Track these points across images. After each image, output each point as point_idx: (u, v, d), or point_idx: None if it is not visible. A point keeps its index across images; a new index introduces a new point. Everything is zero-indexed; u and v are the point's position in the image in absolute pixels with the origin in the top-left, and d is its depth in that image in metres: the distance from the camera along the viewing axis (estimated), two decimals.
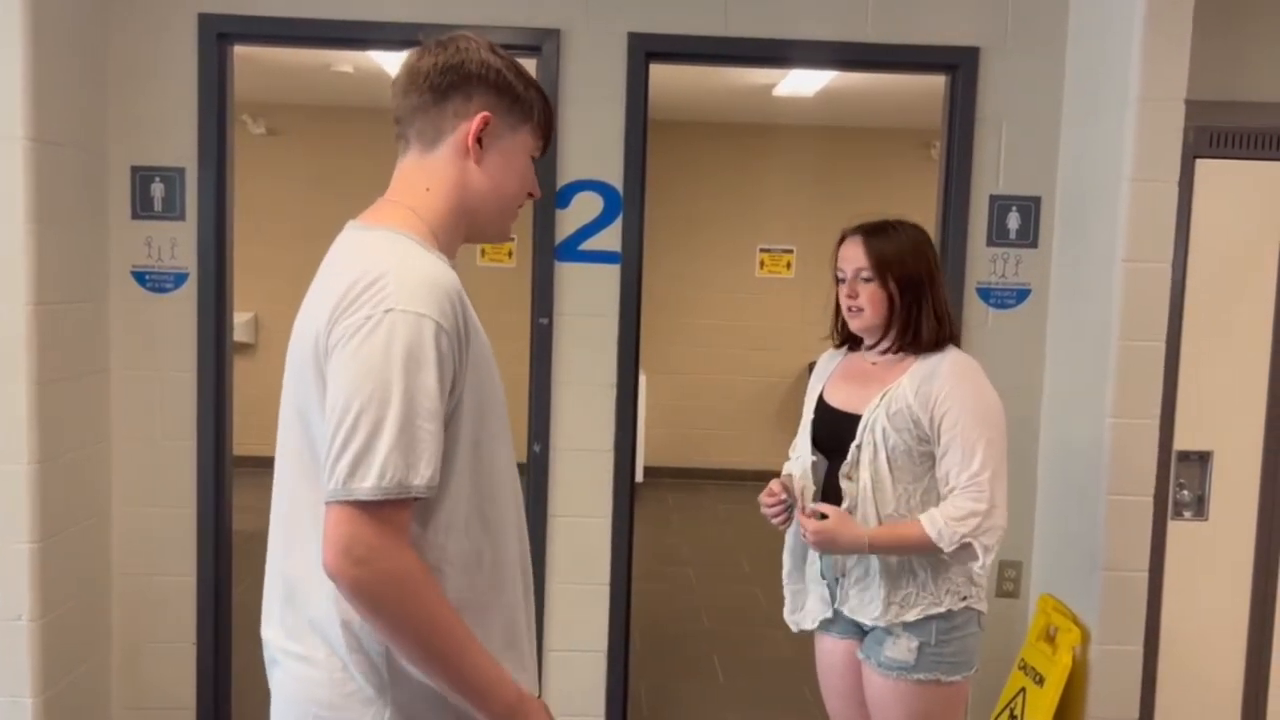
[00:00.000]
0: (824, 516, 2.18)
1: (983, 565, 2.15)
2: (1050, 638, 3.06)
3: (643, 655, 4.25)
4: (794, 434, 2.46)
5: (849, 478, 2.24)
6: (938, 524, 2.12)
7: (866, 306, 2.24)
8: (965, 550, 2.13)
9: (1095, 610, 2.95)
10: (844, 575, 2.28)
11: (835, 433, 2.29)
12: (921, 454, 2.18)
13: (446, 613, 1.33)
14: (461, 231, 1.51)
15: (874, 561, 2.21)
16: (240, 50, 3.26)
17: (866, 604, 2.24)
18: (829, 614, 2.35)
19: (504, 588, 1.47)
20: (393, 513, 1.29)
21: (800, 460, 2.38)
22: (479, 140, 1.45)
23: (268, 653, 1.51)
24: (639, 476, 6.70)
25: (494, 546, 1.45)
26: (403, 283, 1.32)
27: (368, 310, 1.30)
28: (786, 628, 2.45)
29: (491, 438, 1.44)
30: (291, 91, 6.78)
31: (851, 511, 2.23)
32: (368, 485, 1.27)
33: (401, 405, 1.28)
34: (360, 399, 1.28)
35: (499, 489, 1.46)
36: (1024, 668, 3.12)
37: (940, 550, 2.13)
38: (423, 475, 1.30)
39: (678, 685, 4.15)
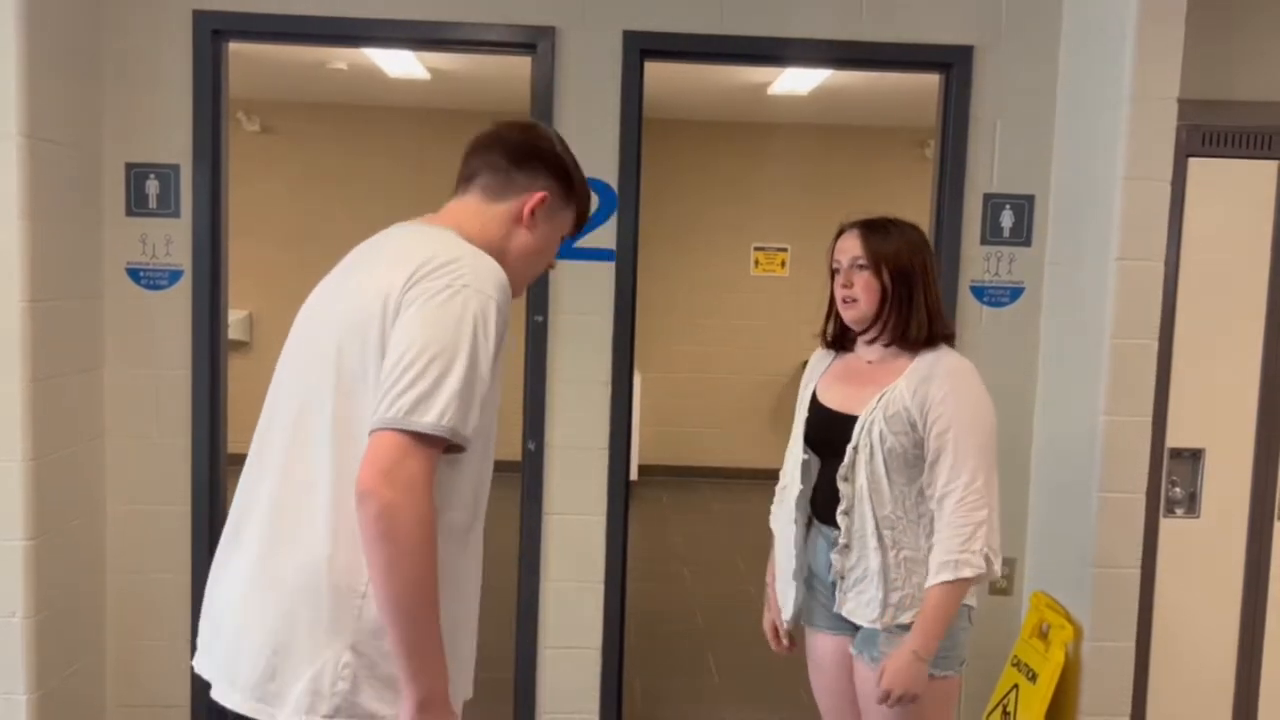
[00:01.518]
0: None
1: (995, 569, 2.13)
2: (1043, 634, 3.07)
3: (637, 653, 4.25)
4: (788, 432, 2.46)
5: (846, 480, 2.24)
6: (957, 566, 2.10)
7: (861, 296, 2.24)
8: (985, 563, 2.12)
9: (1088, 607, 2.96)
10: (842, 578, 2.28)
11: (830, 433, 2.29)
12: (917, 456, 2.18)
13: (434, 571, 1.43)
14: None
15: (872, 563, 2.21)
16: (234, 47, 3.25)
17: (864, 605, 2.24)
18: (791, 613, 2.38)
19: (474, 574, 1.62)
20: (435, 453, 1.43)
21: (792, 459, 2.39)
22: (533, 212, 1.69)
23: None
24: (634, 475, 6.69)
25: (471, 534, 1.60)
26: (475, 267, 1.53)
27: (447, 280, 1.49)
28: (784, 620, 2.45)
29: (493, 432, 1.60)
30: (286, 89, 6.76)
31: (848, 514, 2.23)
32: (429, 420, 1.41)
33: (468, 361, 1.45)
34: (435, 347, 1.44)
35: (489, 475, 1.63)
36: (1017, 664, 3.13)
37: (978, 580, 2.12)
38: (470, 426, 1.46)
39: (672, 683, 4.16)
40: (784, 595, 2.42)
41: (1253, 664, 3.08)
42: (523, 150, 1.70)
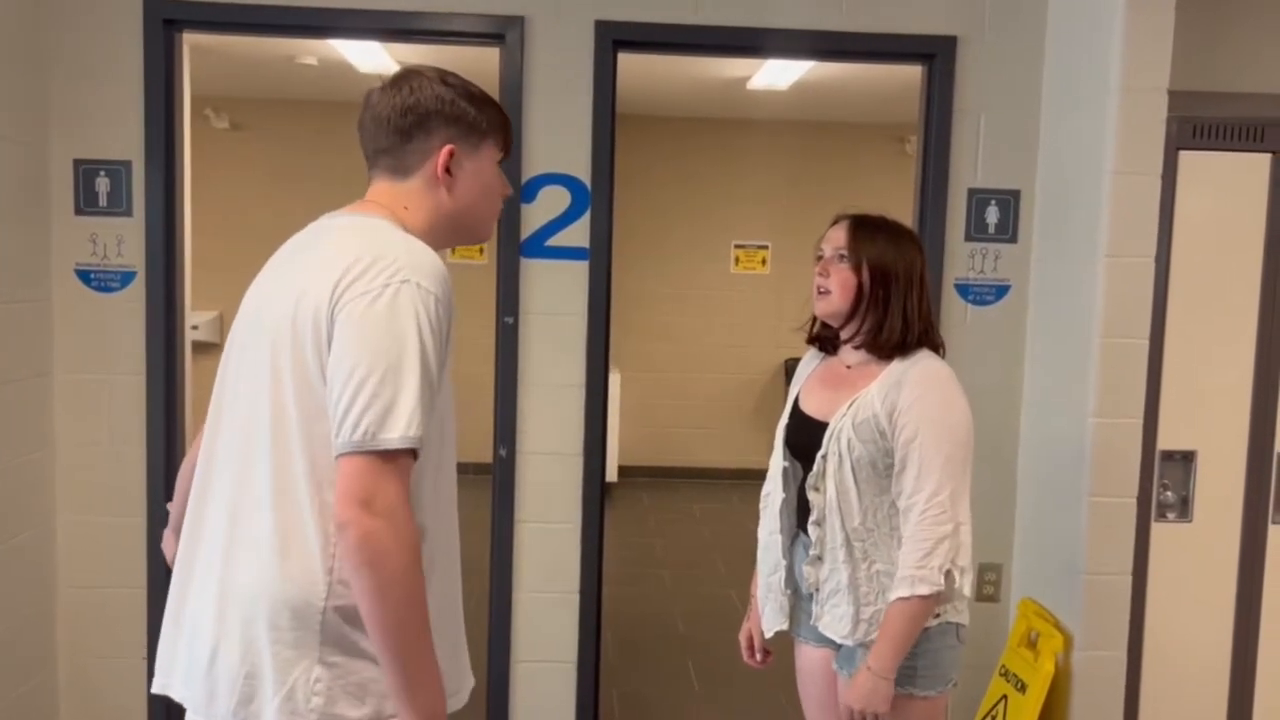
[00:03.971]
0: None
1: (961, 587, 2.06)
2: (1032, 643, 2.98)
3: (614, 663, 4.15)
4: (769, 432, 2.38)
5: (816, 489, 2.15)
6: (913, 583, 2.01)
7: (835, 289, 2.15)
8: (946, 579, 2.03)
9: (1078, 615, 2.88)
10: (817, 590, 2.18)
11: (807, 440, 2.20)
12: (888, 466, 2.08)
13: (423, 592, 1.39)
14: (440, 242, 1.61)
15: (843, 577, 2.12)
16: (201, 43, 3.13)
17: (837, 621, 2.15)
18: (784, 625, 2.28)
19: (443, 571, 1.56)
20: (408, 465, 1.38)
21: (775, 465, 2.29)
22: (447, 170, 1.58)
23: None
24: (613, 476, 6.61)
25: (437, 529, 1.53)
26: (411, 259, 1.44)
27: (384, 278, 1.40)
28: (762, 632, 2.37)
29: (451, 425, 1.55)
30: (255, 85, 6.64)
31: (819, 524, 2.14)
32: (395, 435, 1.35)
33: (420, 364, 1.39)
34: (385, 358, 1.37)
35: (449, 476, 1.57)
36: (1005, 674, 3.04)
37: (935, 596, 2.02)
38: (423, 430, 1.39)
39: (651, 693, 4.06)
40: (764, 608, 2.32)
41: (1247, 673, 3.00)
42: (404, 118, 1.57)
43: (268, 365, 1.47)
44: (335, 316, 1.41)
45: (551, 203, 3.15)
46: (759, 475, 2.39)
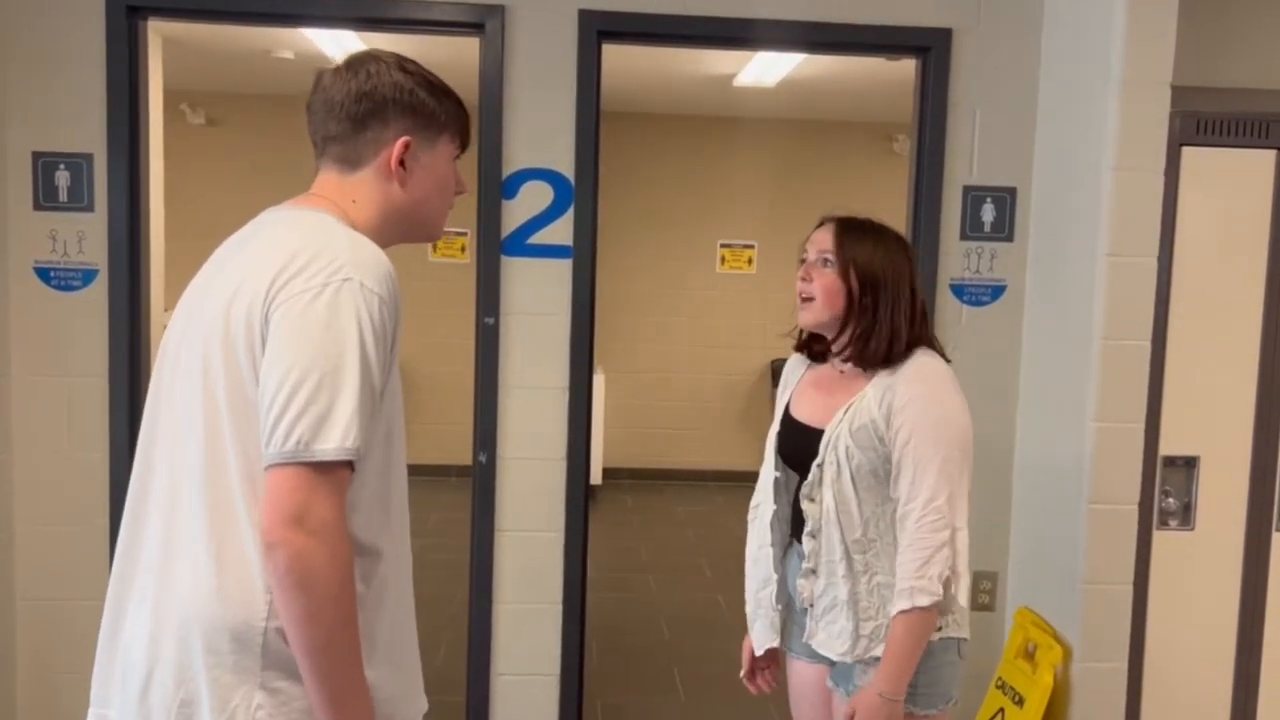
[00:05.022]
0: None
1: (957, 595, 1.95)
2: (1029, 655, 2.89)
3: (599, 671, 4.04)
4: (754, 433, 2.27)
5: (811, 499, 2.05)
6: (912, 594, 1.91)
7: (818, 295, 2.03)
8: (946, 585, 1.93)
9: (1076, 625, 2.79)
10: (811, 605, 2.08)
11: (800, 448, 2.09)
12: (889, 473, 1.98)
13: (355, 614, 1.31)
14: (389, 238, 1.51)
15: (841, 592, 2.02)
16: (176, 36, 3.00)
17: (834, 638, 2.04)
18: (774, 642, 2.17)
19: (397, 593, 1.45)
20: (344, 478, 1.28)
21: (765, 475, 2.19)
22: (401, 163, 1.48)
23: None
24: (596, 479, 6.50)
25: (391, 551, 1.43)
26: (354, 256, 1.34)
27: (323, 276, 1.30)
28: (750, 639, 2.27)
29: (399, 430, 1.45)
30: (230, 80, 6.51)
31: (814, 536, 2.04)
32: (331, 446, 1.26)
33: (360, 368, 1.29)
34: (322, 362, 1.27)
35: (399, 483, 1.46)
36: (1002, 686, 2.95)
37: (936, 607, 1.92)
38: (364, 441, 1.29)
39: (636, 703, 3.95)
40: (753, 625, 2.22)
41: (1250, 685, 2.92)
42: (358, 105, 1.46)
43: (200, 368, 1.37)
44: (270, 316, 1.31)
45: (533, 199, 3.04)
46: (744, 477, 2.29)
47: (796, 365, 2.24)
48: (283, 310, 1.30)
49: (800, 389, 2.19)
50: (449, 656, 3.65)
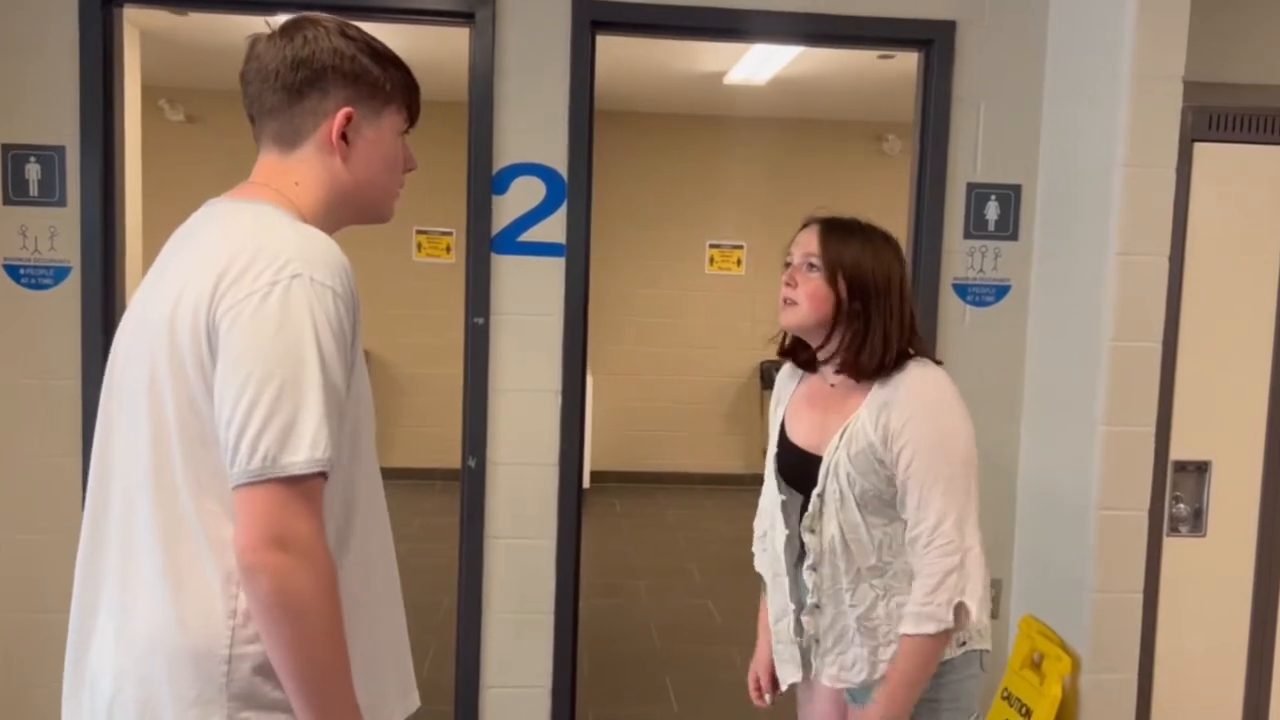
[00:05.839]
0: None
1: (980, 619, 1.85)
2: (1035, 665, 2.82)
3: (590, 682, 3.94)
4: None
5: (811, 531, 1.93)
6: (918, 619, 1.82)
7: (803, 300, 1.91)
8: (959, 611, 1.83)
9: (1085, 635, 2.72)
10: (817, 642, 1.98)
11: (800, 474, 1.99)
12: (894, 494, 1.88)
13: (343, 632, 1.22)
14: (337, 221, 1.42)
15: (850, 621, 1.92)
16: (154, 31, 2.89)
17: (849, 666, 1.94)
18: (797, 678, 2.06)
19: (388, 605, 1.41)
20: (318, 490, 1.20)
21: (769, 498, 2.08)
22: (344, 137, 1.37)
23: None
24: (585, 482, 6.41)
25: (352, 550, 1.34)
26: (302, 250, 1.25)
27: (271, 274, 1.21)
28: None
29: (368, 434, 1.37)
30: (210, 76, 6.37)
31: (816, 569, 1.94)
32: (301, 458, 1.17)
33: (321, 371, 1.20)
34: (281, 367, 1.18)
35: (367, 490, 1.38)
36: (1008, 698, 2.87)
37: (947, 632, 1.83)
38: (335, 448, 1.21)
39: (628, 714, 3.86)
40: (780, 659, 2.09)
41: (1262, 695, 2.85)
42: (294, 72, 1.34)
43: (146, 383, 1.27)
44: (217, 324, 1.21)
45: (525, 195, 2.94)
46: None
47: (788, 378, 2.12)
48: (230, 316, 1.20)
49: (794, 406, 2.07)
50: (436, 665, 3.55)
